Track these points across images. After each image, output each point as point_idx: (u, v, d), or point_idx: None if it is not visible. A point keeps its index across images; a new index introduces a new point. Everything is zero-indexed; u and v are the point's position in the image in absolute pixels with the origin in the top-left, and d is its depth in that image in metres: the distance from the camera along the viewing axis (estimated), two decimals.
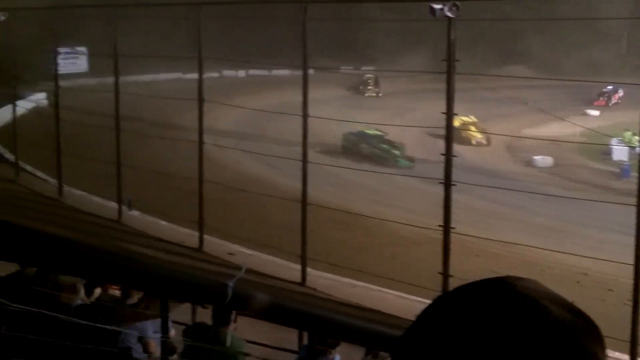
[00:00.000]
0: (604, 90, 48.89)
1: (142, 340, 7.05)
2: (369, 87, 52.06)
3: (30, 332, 3.19)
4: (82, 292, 5.82)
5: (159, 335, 6.15)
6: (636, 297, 12.91)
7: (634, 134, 30.66)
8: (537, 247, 16.95)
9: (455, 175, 15.11)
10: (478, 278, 1.17)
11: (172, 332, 6.62)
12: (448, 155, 14.98)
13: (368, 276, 16.44)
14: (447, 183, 14.90)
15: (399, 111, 42.13)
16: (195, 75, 19.53)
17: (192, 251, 18.18)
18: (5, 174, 25.27)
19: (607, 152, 33.29)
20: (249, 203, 21.23)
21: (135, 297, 7.39)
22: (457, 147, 17.46)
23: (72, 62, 38.57)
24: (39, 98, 32.89)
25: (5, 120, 27.97)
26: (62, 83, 24.05)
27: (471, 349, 1.06)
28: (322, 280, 16.69)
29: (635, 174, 20.08)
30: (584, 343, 1.08)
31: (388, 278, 15.85)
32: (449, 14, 14.46)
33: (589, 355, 1.08)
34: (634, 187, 13.44)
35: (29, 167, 25.35)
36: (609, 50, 57.54)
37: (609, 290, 16.74)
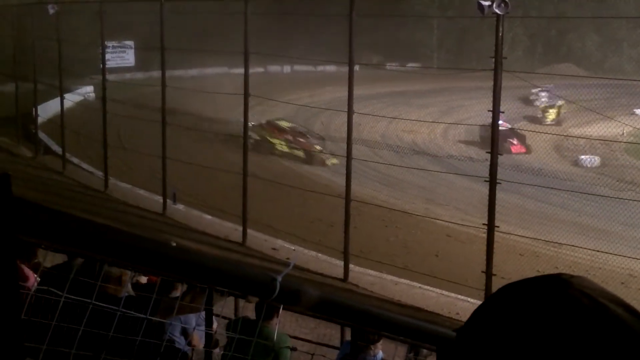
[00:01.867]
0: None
1: (185, 333, 7.11)
2: None
3: (78, 323, 3.22)
4: (128, 284, 5.86)
5: (202, 328, 6.18)
6: None
7: None
8: (581, 247, 16.74)
9: (502, 173, 15.00)
10: (522, 277, 1.14)
11: (215, 326, 6.65)
12: (493, 153, 14.85)
13: (411, 273, 16.40)
14: (492, 181, 14.78)
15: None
16: (241, 70, 19.60)
17: (236, 245, 18.27)
18: (52, 166, 25.62)
19: None
20: (292, 199, 21.25)
21: (179, 290, 7.45)
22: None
23: (120, 55, 38.98)
24: (87, 91, 33.30)
25: (54, 112, 28.34)
26: (109, 77, 24.31)
27: (530, 350, 1.02)
28: (365, 277, 16.67)
29: None
30: None
31: (431, 276, 15.78)
32: (497, 11, 14.33)
33: None
34: None
35: (75, 159, 25.68)
36: None
37: None
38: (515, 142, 34.78)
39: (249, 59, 19.25)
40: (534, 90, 36.93)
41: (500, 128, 34.44)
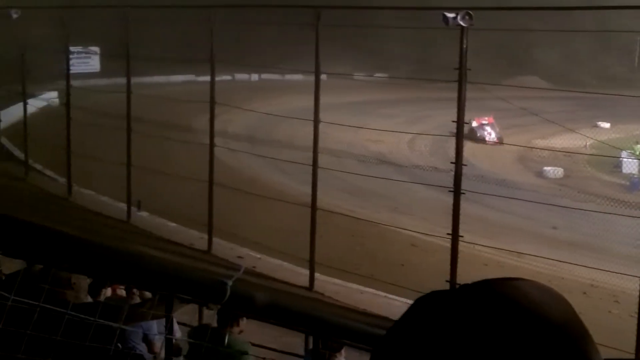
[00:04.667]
0: None
1: (147, 340, 7.06)
2: None
3: (36, 330, 3.18)
4: (86, 291, 5.81)
5: (163, 335, 6.14)
6: None
7: None
8: (544, 257, 16.89)
9: (466, 184, 15.10)
10: None
11: (178, 334, 6.62)
12: (458, 163, 14.95)
13: (376, 282, 16.41)
14: (457, 191, 14.88)
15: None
16: (208, 78, 19.56)
17: (200, 253, 18.19)
18: (14, 173, 25.35)
19: (618, 165, 33.18)
20: (258, 207, 21.16)
21: (138, 297, 7.40)
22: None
23: (85, 61, 38.70)
24: (51, 97, 32.99)
25: (16, 118, 28.06)
26: (73, 82, 24.11)
27: (454, 350, 1.03)
28: (330, 285, 16.67)
29: None
30: (578, 346, 1.04)
31: (396, 285, 15.80)
32: (461, 23, 14.44)
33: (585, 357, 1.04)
34: None
35: (38, 166, 25.41)
36: (621, 63, 57.50)
37: (616, 301, 16.68)
38: (490, 132, 37.55)
39: (216, 67, 19.24)
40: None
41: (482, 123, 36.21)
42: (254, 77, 54.43)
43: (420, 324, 1.08)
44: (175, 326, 6.44)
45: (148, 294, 6.34)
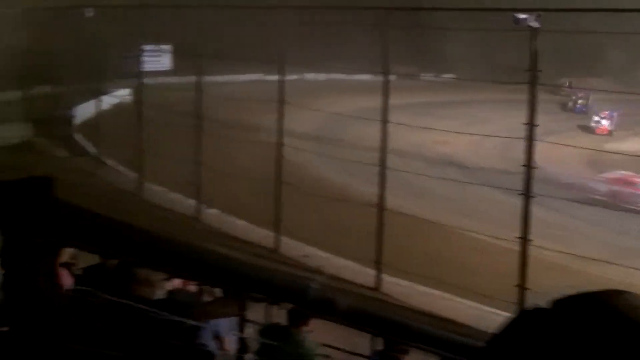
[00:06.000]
0: None
1: (217, 338, 7.12)
2: None
3: (108, 323, 3.24)
4: (160, 287, 5.89)
5: (234, 333, 6.19)
6: None
7: None
8: (612, 263, 16.57)
9: (534, 186, 14.93)
10: (554, 292, 1.12)
11: (248, 331, 6.67)
12: (528, 166, 14.77)
13: (443, 285, 16.29)
14: (527, 195, 14.71)
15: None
16: (276, 77, 19.67)
17: (268, 252, 18.30)
18: (87, 168, 25.82)
19: None
20: (325, 207, 21.20)
21: (209, 294, 7.47)
22: None
23: (156, 59, 39.16)
24: (123, 94, 33.54)
25: (90, 114, 28.58)
26: (145, 80, 24.48)
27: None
28: (396, 287, 16.61)
29: None
30: None
31: (463, 288, 15.67)
32: (532, 24, 14.29)
33: None
34: None
35: (110, 162, 25.85)
36: None
37: None
38: None
39: (285, 66, 19.35)
40: None
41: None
42: (321, 76, 54.47)
43: (534, 340, 1.05)
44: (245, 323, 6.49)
45: (218, 291, 6.42)
